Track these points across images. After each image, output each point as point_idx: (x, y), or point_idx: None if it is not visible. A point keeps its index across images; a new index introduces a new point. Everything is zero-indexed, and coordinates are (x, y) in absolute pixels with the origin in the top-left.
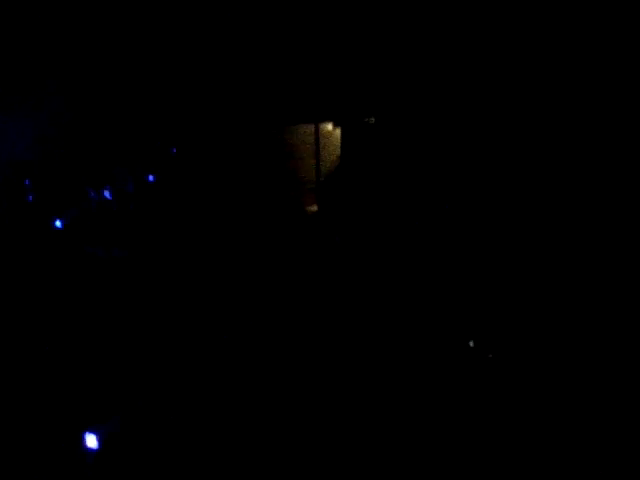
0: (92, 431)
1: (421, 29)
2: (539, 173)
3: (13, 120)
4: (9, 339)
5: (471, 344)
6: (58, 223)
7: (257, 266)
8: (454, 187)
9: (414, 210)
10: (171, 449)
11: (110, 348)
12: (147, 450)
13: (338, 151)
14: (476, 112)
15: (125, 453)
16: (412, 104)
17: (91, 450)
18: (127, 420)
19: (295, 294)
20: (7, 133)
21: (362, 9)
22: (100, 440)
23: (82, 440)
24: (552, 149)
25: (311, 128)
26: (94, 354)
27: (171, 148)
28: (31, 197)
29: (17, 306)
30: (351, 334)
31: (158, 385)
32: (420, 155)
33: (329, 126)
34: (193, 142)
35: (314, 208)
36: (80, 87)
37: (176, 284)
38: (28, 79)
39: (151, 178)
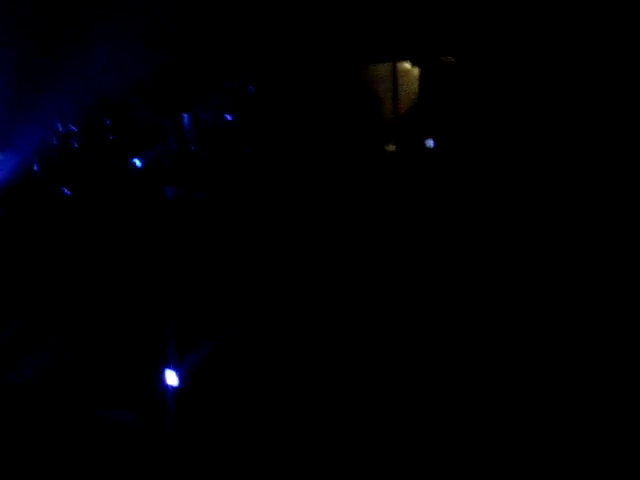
0: (172, 368)
1: None
2: None
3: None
4: (92, 275)
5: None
6: (138, 162)
7: (333, 205)
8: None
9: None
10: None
11: (188, 286)
12: (225, 389)
13: (416, 90)
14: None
15: (204, 391)
16: (491, 44)
17: (171, 387)
18: (207, 357)
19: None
20: (89, 69)
21: None
22: (180, 377)
23: (162, 377)
24: None
25: (389, 67)
26: (174, 292)
27: (249, 87)
28: (111, 136)
29: (97, 243)
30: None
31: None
32: (499, 96)
33: (407, 65)
34: (271, 81)
35: (392, 148)
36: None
37: (253, 227)
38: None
39: (228, 117)
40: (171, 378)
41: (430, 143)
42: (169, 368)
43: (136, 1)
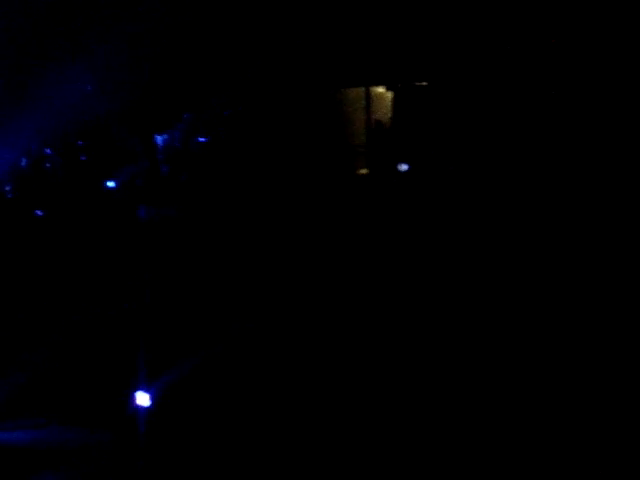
0: (144, 389)
1: None
2: None
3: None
4: (65, 296)
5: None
6: (111, 183)
7: (306, 226)
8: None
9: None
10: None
11: (160, 307)
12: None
13: (389, 114)
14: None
15: (175, 411)
16: (463, 69)
17: (142, 408)
18: (176, 380)
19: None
20: (61, 92)
21: None
22: (152, 398)
23: (133, 399)
24: None
25: (363, 91)
26: (146, 313)
27: (224, 110)
28: (84, 157)
29: (70, 264)
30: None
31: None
32: (471, 119)
33: (381, 89)
34: (246, 104)
35: (364, 171)
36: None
37: (223, 244)
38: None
39: (202, 139)
40: (142, 399)
41: (404, 167)
42: (140, 390)
43: (112, 26)
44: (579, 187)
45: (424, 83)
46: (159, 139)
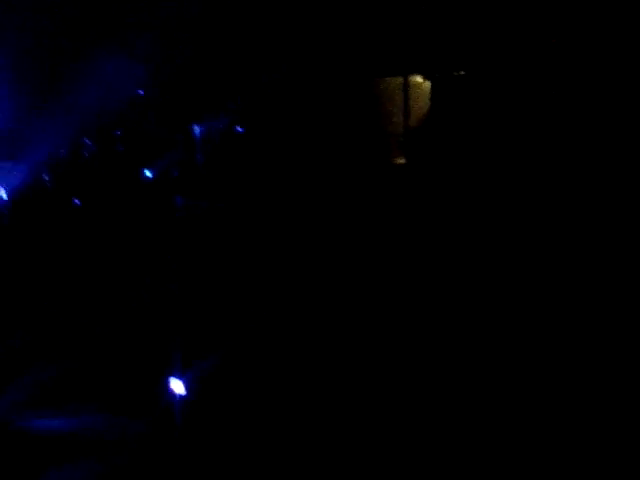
0: (178, 377)
1: None
2: None
3: (107, 69)
4: (102, 285)
5: None
6: (148, 173)
7: (343, 217)
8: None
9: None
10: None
11: (196, 297)
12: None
13: (428, 104)
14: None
15: (210, 400)
16: (501, 57)
17: (178, 396)
18: (213, 366)
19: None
20: (101, 80)
21: None
22: (186, 386)
23: (168, 385)
24: None
25: (400, 80)
26: (182, 302)
27: (260, 99)
28: (121, 147)
29: (107, 253)
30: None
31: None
32: (508, 109)
33: (419, 79)
34: (282, 93)
35: (402, 161)
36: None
37: (258, 234)
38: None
39: (239, 129)
40: (178, 387)
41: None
42: (176, 377)
43: (147, 17)
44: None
45: (462, 72)
46: (196, 129)
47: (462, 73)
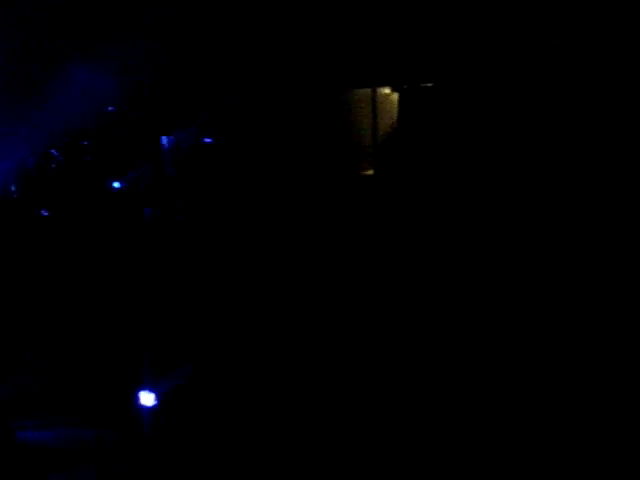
0: (148, 389)
1: None
2: None
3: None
4: (66, 298)
5: None
6: (116, 184)
7: (311, 225)
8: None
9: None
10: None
11: (165, 308)
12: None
13: (395, 115)
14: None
15: (179, 411)
16: (469, 70)
17: (147, 407)
18: (180, 380)
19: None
20: (70, 90)
21: None
22: (157, 398)
23: (137, 398)
24: None
25: (368, 92)
26: (151, 314)
27: (230, 111)
28: (89, 158)
29: (76, 265)
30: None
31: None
32: (479, 121)
33: (387, 90)
34: (252, 105)
35: (370, 172)
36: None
37: (227, 245)
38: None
39: (208, 140)
40: (147, 399)
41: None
42: (145, 389)
43: (119, 25)
44: (580, 187)
45: (429, 84)
46: (165, 140)
47: (429, 85)
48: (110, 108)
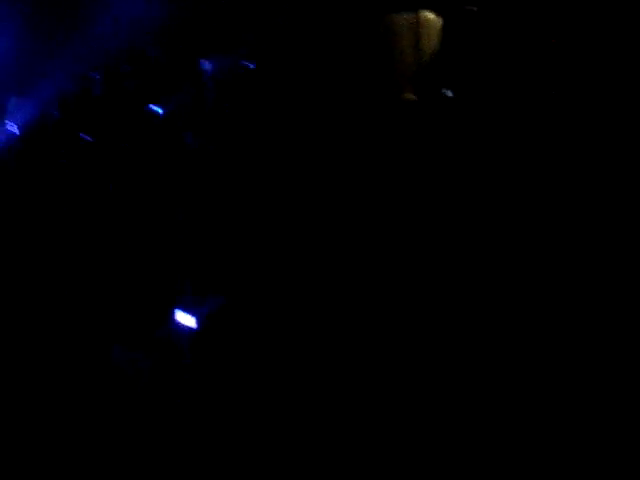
0: (188, 311)
1: None
2: None
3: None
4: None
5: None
6: (157, 110)
7: (355, 153)
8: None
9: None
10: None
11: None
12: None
13: (439, 40)
14: None
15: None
16: None
17: (187, 329)
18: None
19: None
20: (110, 14)
21: None
22: (197, 320)
23: (177, 319)
24: None
25: (412, 17)
26: (191, 238)
27: (271, 35)
28: (130, 83)
29: (116, 189)
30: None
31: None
32: (520, 47)
33: (430, 15)
34: (293, 29)
35: (412, 97)
36: None
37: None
38: None
39: (250, 65)
40: (187, 320)
41: (450, 93)
42: (185, 311)
43: None
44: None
45: (474, 8)
46: (206, 65)
47: (474, 9)
48: (151, 32)
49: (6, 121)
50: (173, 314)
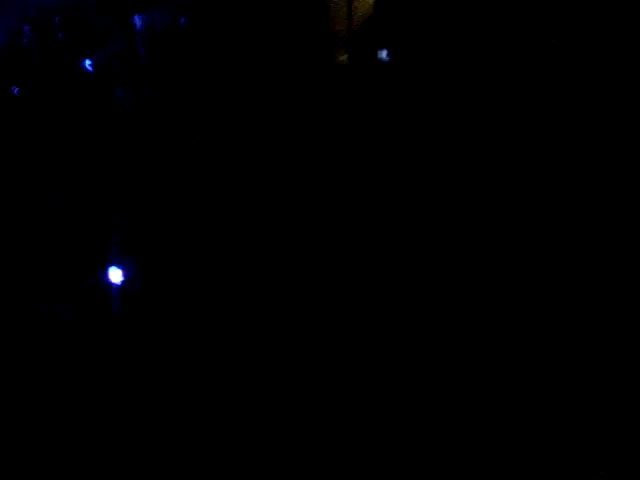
0: (116, 266)
1: None
2: None
3: None
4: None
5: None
6: (88, 63)
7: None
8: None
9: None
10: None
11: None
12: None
13: (371, 4)
14: None
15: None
16: None
17: (115, 284)
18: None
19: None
20: None
21: None
22: (124, 275)
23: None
24: None
25: None
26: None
27: None
28: (61, 35)
29: (47, 146)
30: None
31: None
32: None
33: None
34: None
35: (345, 58)
36: None
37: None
38: None
39: (182, 20)
40: (115, 275)
41: (383, 55)
42: (113, 266)
43: None
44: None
45: None
46: (138, 20)
47: None
48: None
49: None
50: (103, 268)
